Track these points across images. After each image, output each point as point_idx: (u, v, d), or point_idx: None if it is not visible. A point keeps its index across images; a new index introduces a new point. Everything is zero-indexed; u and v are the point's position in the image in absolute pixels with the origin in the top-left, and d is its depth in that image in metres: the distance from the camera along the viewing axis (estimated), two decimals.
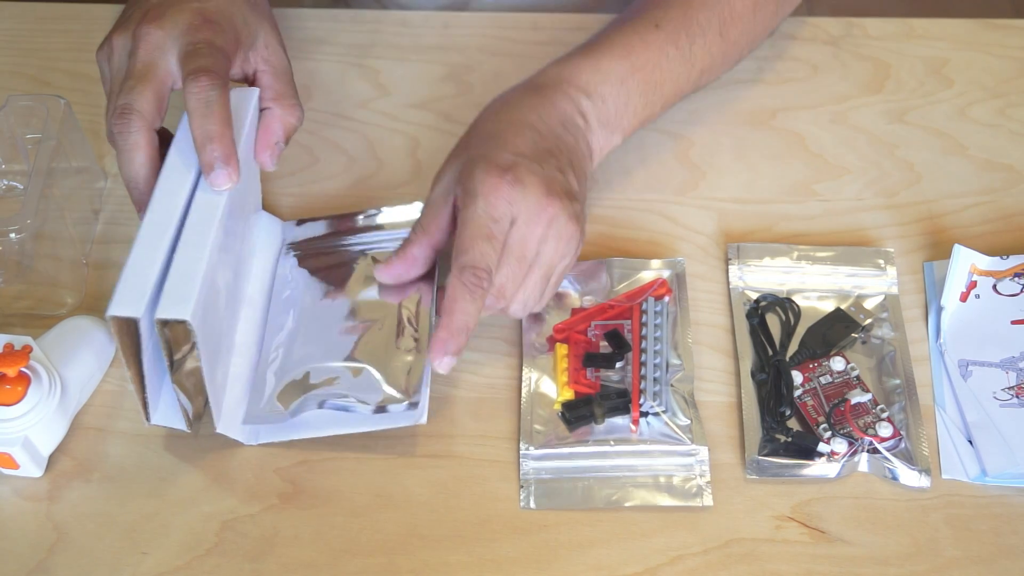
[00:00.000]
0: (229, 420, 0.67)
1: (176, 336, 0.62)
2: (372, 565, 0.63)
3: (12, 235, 0.70)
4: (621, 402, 0.67)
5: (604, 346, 0.71)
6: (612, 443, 0.66)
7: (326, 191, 0.81)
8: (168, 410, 0.65)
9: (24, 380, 0.63)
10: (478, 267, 0.63)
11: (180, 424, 0.65)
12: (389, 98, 0.87)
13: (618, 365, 0.70)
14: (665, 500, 0.65)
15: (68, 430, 0.68)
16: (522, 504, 0.65)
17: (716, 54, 0.79)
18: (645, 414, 0.67)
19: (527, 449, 0.67)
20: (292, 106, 0.71)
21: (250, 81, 0.72)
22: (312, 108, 0.86)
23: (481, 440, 0.68)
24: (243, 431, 0.67)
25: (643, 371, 0.68)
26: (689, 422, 0.67)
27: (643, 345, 0.69)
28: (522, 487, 0.66)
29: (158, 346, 0.61)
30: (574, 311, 0.73)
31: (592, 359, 0.70)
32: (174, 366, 0.62)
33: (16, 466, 0.65)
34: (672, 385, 0.68)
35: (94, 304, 0.74)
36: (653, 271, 0.74)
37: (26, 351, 0.63)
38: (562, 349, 0.71)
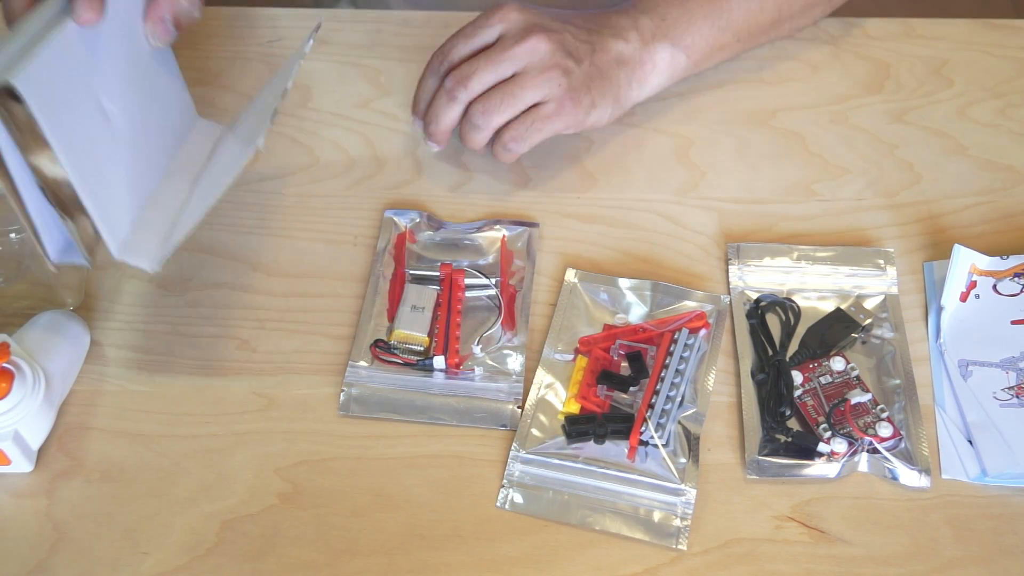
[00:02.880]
0: (135, 248, 0.65)
1: (19, 120, 0.59)
2: (372, 565, 0.63)
3: (12, 235, 0.70)
4: (624, 426, 0.67)
5: (625, 367, 0.70)
6: (603, 465, 0.66)
7: (326, 191, 0.81)
8: (68, 246, 0.64)
9: (8, 375, 0.64)
10: (443, 51, 0.76)
11: (79, 258, 0.64)
12: (389, 98, 0.87)
13: (632, 389, 0.69)
14: (639, 534, 0.64)
15: (72, 431, 0.68)
16: (498, 504, 0.65)
17: None
18: (644, 443, 0.66)
19: (517, 451, 0.67)
20: None
21: None
22: (312, 108, 0.86)
23: (482, 440, 0.68)
24: (148, 258, 0.64)
25: (654, 400, 0.67)
26: (685, 462, 0.66)
27: (662, 374, 0.68)
28: (503, 487, 0.66)
29: (15, 147, 0.60)
30: (605, 327, 0.72)
31: (607, 377, 0.69)
32: (36, 170, 0.61)
33: (8, 461, 0.65)
34: (680, 422, 0.67)
35: (94, 304, 0.74)
36: (695, 303, 0.73)
37: (4, 347, 0.63)
38: (581, 362, 0.70)
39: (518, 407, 0.69)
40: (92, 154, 0.63)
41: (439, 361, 0.70)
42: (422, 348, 0.71)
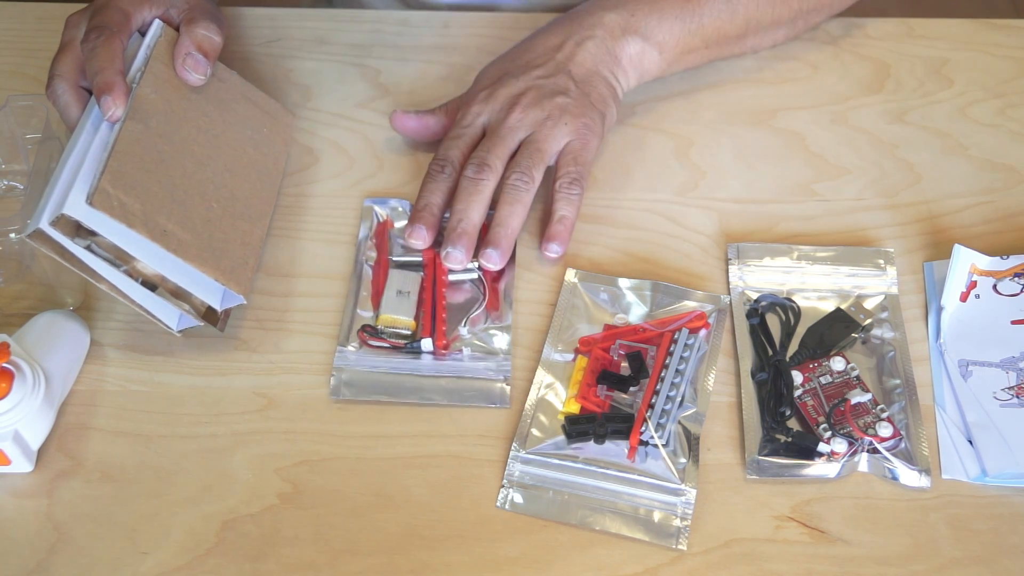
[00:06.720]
0: (230, 299, 0.70)
1: (104, 244, 0.66)
2: (372, 565, 0.63)
3: (12, 235, 0.70)
4: (624, 426, 0.67)
5: (625, 367, 0.70)
6: (603, 465, 0.66)
7: (326, 191, 0.81)
8: (184, 317, 0.69)
9: (7, 375, 0.64)
10: (439, 158, 0.76)
11: (197, 324, 0.69)
12: (389, 98, 0.87)
13: (632, 389, 0.69)
14: (639, 534, 0.64)
15: (72, 431, 0.68)
16: (498, 504, 0.65)
17: (764, 7, 0.83)
18: (644, 443, 0.66)
19: (517, 451, 0.67)
20: (205, 26, 0.74)
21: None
22: (312, 108, 0.86)
23: (482, 440, 0.68)
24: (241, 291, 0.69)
25: (654, 400, 0.67)
26: (685, 462, 0.66)
27: (662, 374, 0.68)
28: (503, 487, 0.66)
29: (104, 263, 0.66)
30: (605, 327, 0.72)
31: (606, 377, 0.69)
32: (138, 273, 0.67)
33: (8, 461, 0.65)
34: (680, 422, 0.67)
35: (94, 304, 0.74)
36: (695, 303, 0.73)
37: (4, 347, 0.63)
38: (581, 362, 0.70)
39: (507, 384, 0.69)
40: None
41: (427, 343, 0.70)
42: (409, 332, 0.71)
